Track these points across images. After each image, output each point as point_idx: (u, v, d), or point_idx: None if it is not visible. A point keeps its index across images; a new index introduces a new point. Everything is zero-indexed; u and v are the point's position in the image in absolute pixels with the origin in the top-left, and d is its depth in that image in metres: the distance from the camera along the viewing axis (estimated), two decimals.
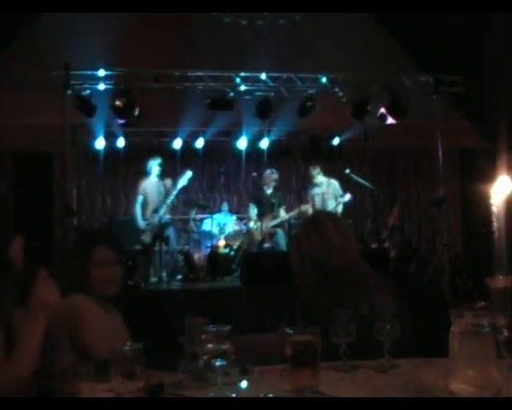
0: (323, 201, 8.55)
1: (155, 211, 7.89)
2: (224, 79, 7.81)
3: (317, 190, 8.75)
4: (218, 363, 1.77)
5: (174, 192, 7.95)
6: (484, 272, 1.60)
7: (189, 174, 8.06)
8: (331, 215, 3.26)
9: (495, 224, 1.54)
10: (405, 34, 8.44)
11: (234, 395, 1.77)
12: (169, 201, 7.91)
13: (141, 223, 7.90)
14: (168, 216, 8.07)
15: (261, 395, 1.77)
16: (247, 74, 7.83)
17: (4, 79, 7.05)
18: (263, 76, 7.85)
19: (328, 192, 8.67)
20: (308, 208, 8.55)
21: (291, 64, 8.16)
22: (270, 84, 7.94)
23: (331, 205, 8.44)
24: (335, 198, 8.57)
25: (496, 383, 1.56)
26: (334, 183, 8.76)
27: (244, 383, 1.89)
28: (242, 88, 7.90)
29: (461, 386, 1.58)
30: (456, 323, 1.61)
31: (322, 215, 2.97)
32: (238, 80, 7.83)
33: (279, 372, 1.92)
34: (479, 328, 1.58)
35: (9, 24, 7.05)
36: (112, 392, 1.66)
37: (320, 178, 8.76)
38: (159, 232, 7.72)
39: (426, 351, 2.15)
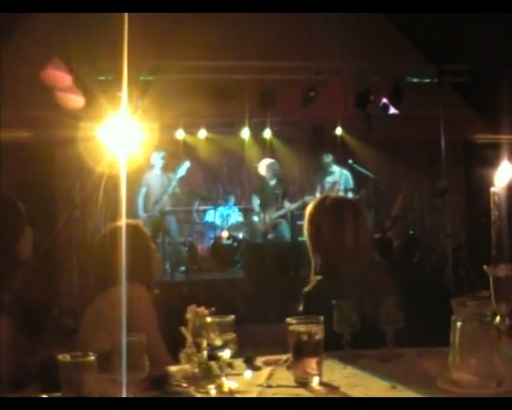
0: (334, 191, 8.43)
1: (156, 202, 7.96)
2: (226, 69, 7.77)
3: (328, 179, 8.68)
4: (221, 353, 1.78)
5: (173, 183, 8.03)
6: (487, 263, 1.60)
7: (186, 164, 8.14)
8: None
9: (496, 212, 1.54)
10: (408, 23, 8.38)
11: (237, 386, 1.78)
12: (169, 190, 7.99)
13: (141, 215, 7.93)
14: (169, 208, 8.13)
15: (264, 385, 1.78)
16: (250, 64, 7.78)
17: (8, 71, 7.04)
18: (266, 66, 7.80)
19: (339, 182, 8.55)
20: (312, 199, 8.45)
21: (294, 54, 8.11)
22: (273, 74, 7.88)
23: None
24: (345, 190, 8.47)
25: (498, 371, 1.56)
26: (347, 174, 8.61)
27: (248, 374, 1.90)
28: (245, 78, 7.85)
29: (463, 375, 1.58)
30: (458, 312, 1.62)
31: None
32: (241, 70, 7.79)
33: (283, 362, 1.93)
34: (481, 317, 1.58)
35: (11, 16, 7.03)
36: (115, 383, 1.66)
37: (333, 167, 8.71)
38: (159, 223, 7.76)
39: (429, 340, 2.15)
